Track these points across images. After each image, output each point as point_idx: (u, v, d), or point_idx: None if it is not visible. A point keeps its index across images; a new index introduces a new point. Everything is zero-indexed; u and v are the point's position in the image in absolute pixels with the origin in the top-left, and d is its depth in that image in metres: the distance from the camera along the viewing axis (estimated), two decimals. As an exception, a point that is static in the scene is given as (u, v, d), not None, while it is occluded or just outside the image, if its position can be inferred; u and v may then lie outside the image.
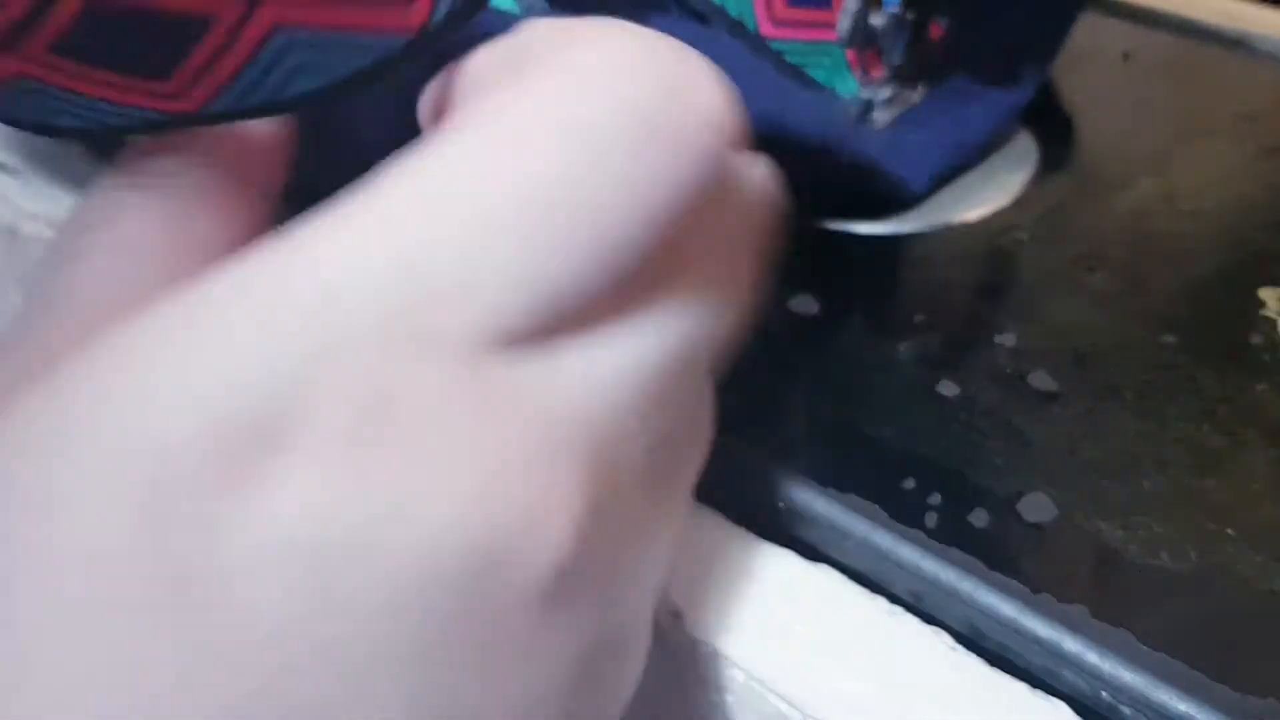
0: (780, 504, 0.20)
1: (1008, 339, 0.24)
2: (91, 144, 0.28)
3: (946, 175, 0.28)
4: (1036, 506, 0.20)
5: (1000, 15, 0.32)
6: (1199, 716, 0.16)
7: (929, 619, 0.19)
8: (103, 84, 0.15)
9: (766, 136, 0.27)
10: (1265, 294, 0.25)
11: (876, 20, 0.30)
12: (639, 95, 0.13)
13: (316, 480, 0.12)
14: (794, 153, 0.26)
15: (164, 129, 0.16)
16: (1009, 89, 0.31)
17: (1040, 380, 0.22)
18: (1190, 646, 0.17)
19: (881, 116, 0.31)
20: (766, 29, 0.31)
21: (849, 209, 0.27)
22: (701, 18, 0.31)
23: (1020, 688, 0.18)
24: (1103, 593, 0.18)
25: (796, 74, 0.32)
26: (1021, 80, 0.31)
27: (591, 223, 0.13)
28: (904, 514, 0.20)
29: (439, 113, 0.16)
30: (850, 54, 0.32)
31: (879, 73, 0.31)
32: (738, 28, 0.31)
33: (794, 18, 0.31)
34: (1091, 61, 0.36)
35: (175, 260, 0.16)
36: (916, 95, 0.31)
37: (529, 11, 0.29)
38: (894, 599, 0.19)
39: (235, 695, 0.11)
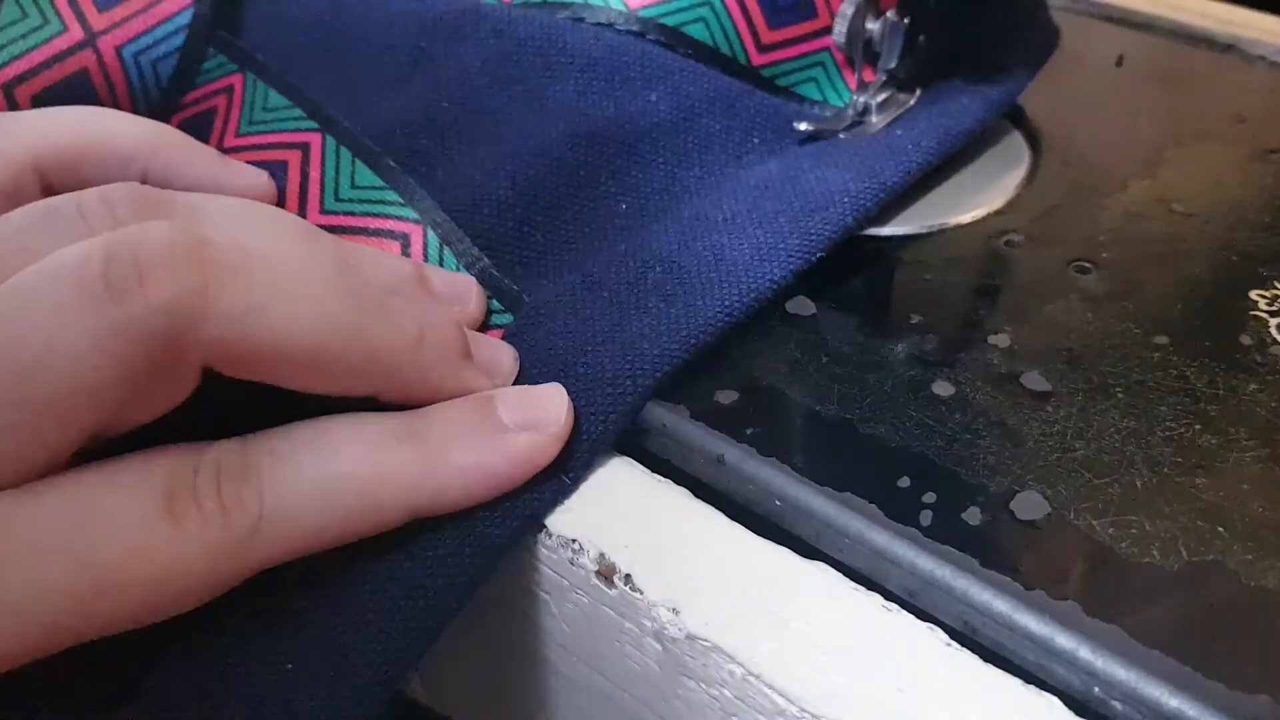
0: (777, 501, 0.21)
1: (1001, 340, 0.24)
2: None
3: (936, 162, 0.29)
4: (1030, 505, 0.20)
5: (991, 16, 0.32)
6: (1190, 712, 0.17)
7: (924, 615, 0.19)
8: None
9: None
10: (1256, 295, 0.25)
11: (872, 25, 0.30)
12: None
13: None
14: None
15: None
16: (1000, 83, 0.31)
17: (1033, 380, 0.23)
18: (1181, 643, 0.17)
19: (876, 121, 0.31)
20: (755, 58, 0.32)
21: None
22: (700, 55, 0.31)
23: (1014, 683, 0.18)
24: (1095, 589, 0.18)
25: (789, 95, 0.32)
26: (1014, 74, 0.31)
27: None
28: (899, 512, 0.20)
29: None
30: (841, 58, 0.33)
31: (873, 78, 0.31)
32: (731, 64, 0.31)
33: (778, 39, 0.32)
34: (1085, 65, 0.36)
35: None
36: (912, 100, 0.31)
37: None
38: (889, 596, 0.19)
39: None
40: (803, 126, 0.30)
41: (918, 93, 0.31)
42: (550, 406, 0.21)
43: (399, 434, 0.20)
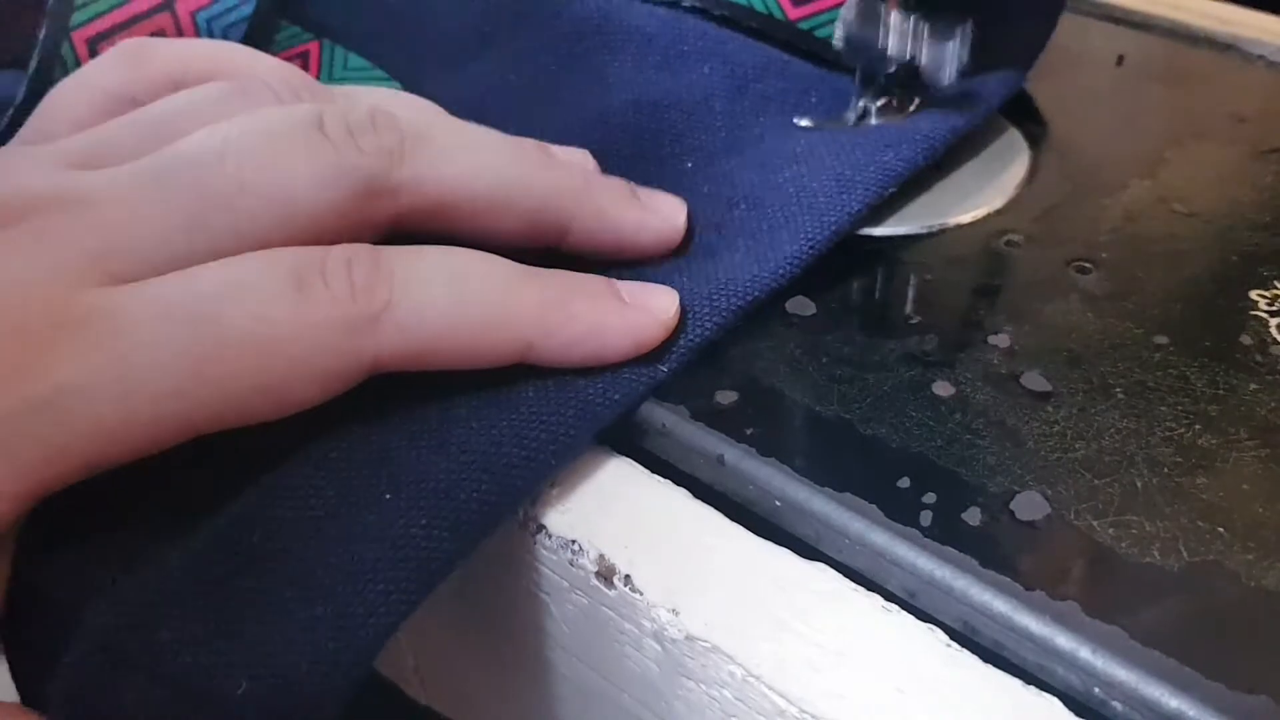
0: (777, 502, 0.21)
1: (1001, 339, 0.24)
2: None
3: (997, 106, 0.30)
4: (1030, 505, 0.20)
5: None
6: (1190, 712, 0.17)
7: (924, 616, 0.19)
8: None
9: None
10: (1256, 295, 0.25)
11: (873, 30, 0.30)
12: None
13: None
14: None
15: None
16: (1024, 50, 0.31)
17: (1034, 380, 0.23)
18: (1181, 643, 0.17)
19: (878, 124, 0.31)
20: (791, 12, 0.32)
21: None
22: (729, 21, 0.32)
23: (1014, 684, 0.18)
24: (1095, 590, 0.18)
25: (829, 48, 0.33)
26: (1033, 35, 0.32)
27: None
28: (899, 512, 0.20)
29: None
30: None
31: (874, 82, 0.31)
32: (769, 21, 0.32)
33: None
34: (1085, 65, 0.36)
35: None
36: (912, 105, 0.31)
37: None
38: (889, 596, 0.19)
39: None
40: (803, 123, 0.30)
41: (917, 100, 0.31)
42: (662, 297, 0.23)
43: (525, 274, 0.22)
